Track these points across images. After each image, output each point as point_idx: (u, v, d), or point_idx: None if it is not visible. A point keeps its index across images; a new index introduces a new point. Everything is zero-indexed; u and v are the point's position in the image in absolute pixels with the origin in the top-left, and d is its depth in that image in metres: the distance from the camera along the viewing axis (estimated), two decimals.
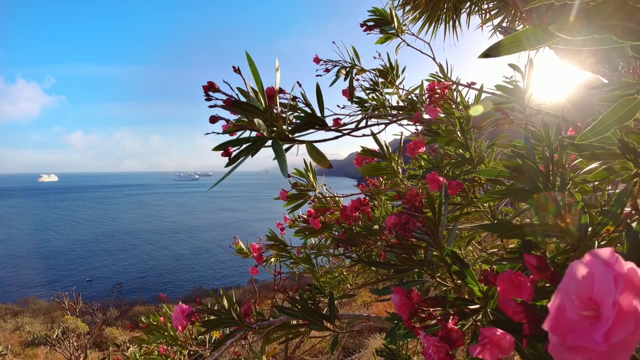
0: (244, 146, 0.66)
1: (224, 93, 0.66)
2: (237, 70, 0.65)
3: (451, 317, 0.50)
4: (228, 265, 28.04)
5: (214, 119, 0.65)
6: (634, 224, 0.65)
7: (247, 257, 1.98)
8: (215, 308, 1.25)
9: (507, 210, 1.31)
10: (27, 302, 17.71)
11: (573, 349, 0.29)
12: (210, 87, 0.64)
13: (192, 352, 1.62)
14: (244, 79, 0.65)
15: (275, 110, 0.67)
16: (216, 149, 0.65)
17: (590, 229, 0.54)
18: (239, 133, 0.70)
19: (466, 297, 0.66)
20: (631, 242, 0.35)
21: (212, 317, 1.16)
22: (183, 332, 1.52)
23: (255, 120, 0.63)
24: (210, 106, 0.64)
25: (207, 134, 0.67)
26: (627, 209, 0.65)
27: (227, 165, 0.65)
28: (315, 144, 0.72)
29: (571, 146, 0.70)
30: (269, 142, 0.66)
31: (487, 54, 0.57)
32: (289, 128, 0.70)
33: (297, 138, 0.71)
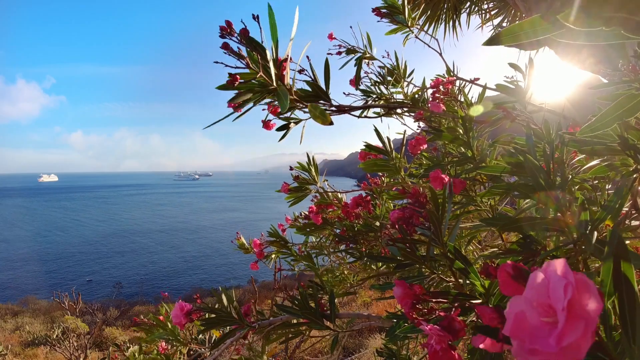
0: (249, 97, 0.70)
1: (236, 35, 0.70)
2: (255, 18, 0.69)
3: (453, 309, 0.50)
4: (233, 266, 27.92)
5: (226, 45, 0.70)
6: (634, 223, 0.66)
7: (248, 253, 2.00)
8: (216, 307, 1.25)
9: (508, 210, 1.31)
10: (27, 302, 17.69)
11: (530, 351, 0.31)
12: (228, 27, 0.69)
13: (192, 352, 1.62)
14: (260, 28, 0.69)
15: (283, 66, 0.70)
16: (222, 87, 0.69)
17: (590, 225, 0.55)
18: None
19: (467, 292, 0.66)
20: (612, 245, 0.36)
21: (212, 316, 1.16)
22: (183, 329, 1.53)
23: (268, 53, 0.66)
24: (224, 43, 0.70)
25: (216, 62, 0.71)
26: (626, 208, 0.66)
27: (230, 101, 0.70)
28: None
29: (572, 142, 0.71)
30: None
31: (490, 42, 0.56)
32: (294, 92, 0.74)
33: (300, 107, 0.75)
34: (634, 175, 0.65)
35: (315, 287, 1.32)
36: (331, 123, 0.71)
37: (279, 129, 0.91)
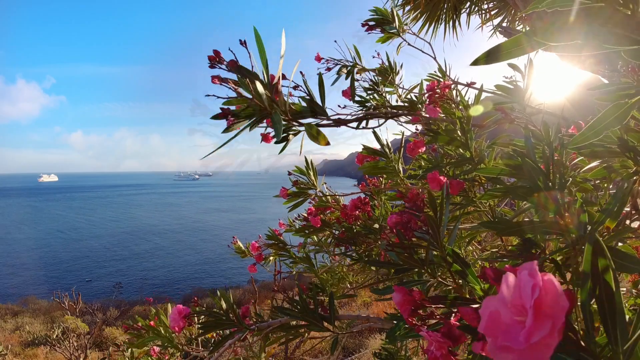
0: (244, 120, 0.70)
1: (227, 64, 0.69)
2: (243, 43, 0.68)
3: (453, 314, 0.50)
4: (242, 267, 27.64)
5: (216, 79, 0.68)
6: (634, 224, 0.65)
7: (246, 257, 1.99)
8: (214, 309, 1.23)
9: (507, 212, 1.31)
10: (27, 302, 17.69)
11: (502, 348, 0.33)
12: (216, 56, 0.68)
13: (186, 355, 1.59)
14: (249, 52, 0.68)
15: (276, 86, 0.70)
16: (217, 117, 0.68)
17: (589, 227, 0.55)
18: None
19: (467, 296, 0.66)
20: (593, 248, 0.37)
21: (210, 319, 1.16)
22: (180, 333, 1.51)
23: (257, 83, 0.65)
24: (213, 76, 0.68)
25: (208, 95, 0.70)
26: (627, 209, 0.65)
27: (225, 131, 0.69)
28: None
29: (571, 145, 0.70)
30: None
31: (486, 60, 0.55)
32: (289, 110, 0.73)
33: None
34: (634, 177, 0.65)
35: (314, 288, 1.32)
36: (328, 144, 0.71)
37: (278, 142, 0.90)
